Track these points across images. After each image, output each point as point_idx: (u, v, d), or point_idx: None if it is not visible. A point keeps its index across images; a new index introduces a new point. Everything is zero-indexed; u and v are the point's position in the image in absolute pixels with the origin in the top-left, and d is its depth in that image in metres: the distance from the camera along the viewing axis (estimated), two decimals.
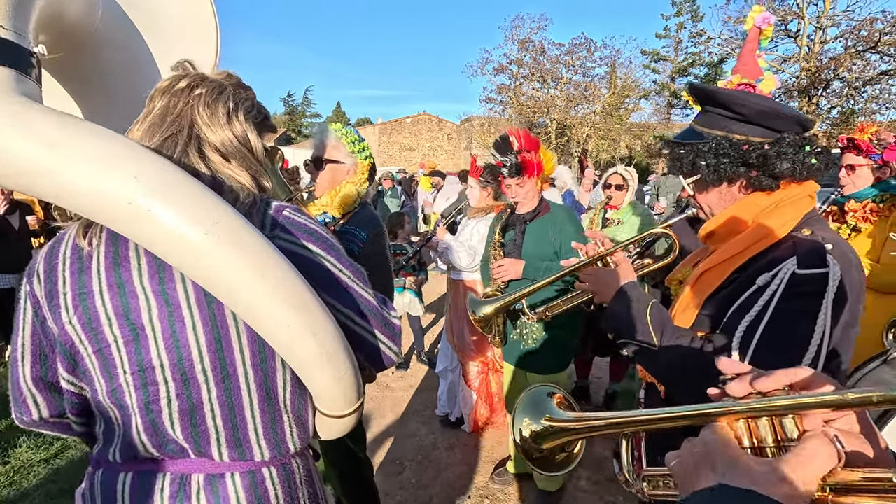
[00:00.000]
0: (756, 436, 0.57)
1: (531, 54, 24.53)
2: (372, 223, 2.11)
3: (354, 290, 1.06)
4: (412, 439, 3.69)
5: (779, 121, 1.16)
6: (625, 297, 1.31)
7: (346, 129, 2.21)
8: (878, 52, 17.64)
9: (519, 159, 2.58)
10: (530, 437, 0.88)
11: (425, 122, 35.22)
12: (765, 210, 1.17)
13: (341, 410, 1.06)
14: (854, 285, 1.06)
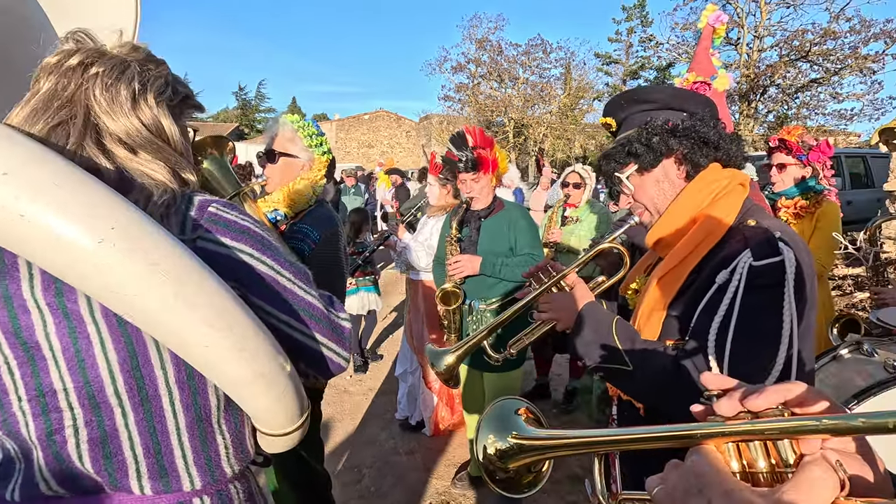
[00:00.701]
0: (747, 458, 0.51)
1: (489, 54, 24.73)
2: (327, 223, 2.00)
3: (295, 293, 0.96)
4: (371, 445, 3.59)
5: (691, 102, 1.22)
6: (587, 320, 1.25)
7: (303, 121, 2.09)
8: (809, 61, 18.79)
9: (475, 155, 2.59)
10: (496, 455, 0.81)
11: (383, 119, 34.90)
12: (704, 206, 1.17)
13: (284, 428, 0.96)
14: (808, 266, 1.06)
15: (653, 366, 1.12)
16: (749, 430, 0.50)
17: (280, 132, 2.04)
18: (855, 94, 18.74)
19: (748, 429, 0.50)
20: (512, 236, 2.66)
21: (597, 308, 1.28)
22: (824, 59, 18.42)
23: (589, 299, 1.31)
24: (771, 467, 0.50)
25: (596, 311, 1.27)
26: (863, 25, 17.41)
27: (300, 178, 2.00)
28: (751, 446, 0.51)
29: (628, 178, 1.27)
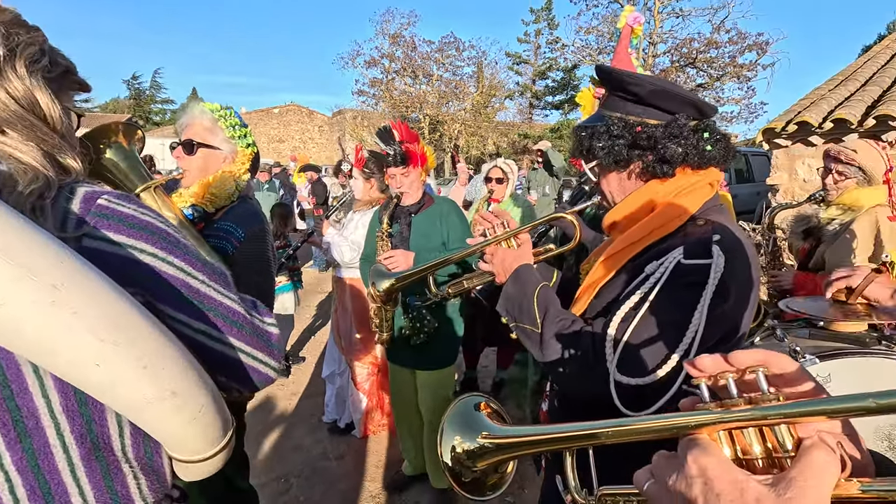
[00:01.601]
0: (741, 445, 0.49)
1: (402, 49, 24.57)
2: (252, 220, 1.85)
3: (210, 296, 0.84)
4: (298, 452, 3.41)
5: (672, 102, 1.15)
6: (517, 279, 1.29)
7: (225, 110, 1.91)
8: (696, 67, 20.71)
9: (403, 149, 2.53)
10: (465, 456, 0.77)
11: (294, 114, 33.50)
12: (664, 199, 1.17)
13: (202, 453, 0.84)
14: (739, 276, 1.06)
15: (558, 334, 1.15)
16: (751, 416, 0.47)
17: (198, 121, 1.85)
18: (734, 98, 20.94)
19: (748, 415, 0.47)
20: (444, 231, 2.63)
21: (529, 270, 1.31)
22: (708, 66, 20.38)
23: (528, 261, 1.34)
24: (767, 452, 0.48)
25: (527, 272, 1.30)
26: (739, 37, 19.46)
27: (222, 172, 1.83)
28: (744, 432, 0.49)
29: (591, 169, 1.27)
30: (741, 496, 0.43)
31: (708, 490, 0.45)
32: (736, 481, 0.44)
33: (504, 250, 1.38)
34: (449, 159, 22.75)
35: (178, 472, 0.89)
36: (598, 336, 1.09)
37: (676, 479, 0.48)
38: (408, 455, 3.02)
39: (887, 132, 5.33)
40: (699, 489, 0.46)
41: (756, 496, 0.43)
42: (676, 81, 20.56)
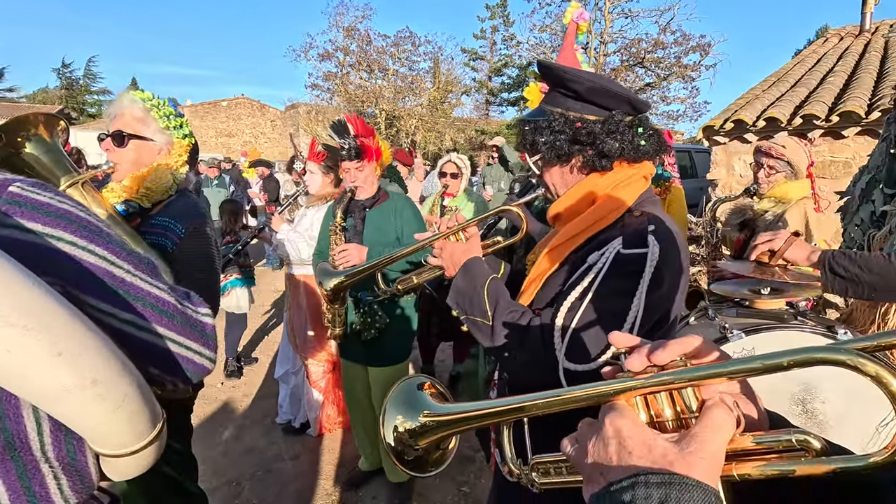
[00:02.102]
0: (655, 409, 0.54)
1: (357, 43, 24.17)
2: (192, 214, 1.77)
3: (136, 286, 0.82)
4: (251, 454, 3.33)
5: (610, 99, 1.20)
6: (466, 272, 1.31)
7: (158, 98, 1.82)
8: (644, 67, 21.41)
9: (358, 143, 2.51)
10: (407, 435, 0.78)
11: (245, 107, 32.30)
12: (603, 192, 1.23)
13: (129, 446, 0.81)
14: (672, 263, 1.13)
15: (508, 325, 1.19)
16: (660, 381, 0.53)
17: (127, 111, 1.75)
18: (679, 97, 21.80)
19: (659, 381, 0.53)
20: (398, 226, 2.63)
21: (478, 263, 1.33)
22: (655, 65, 21.11)
23: (476, 254, 1.36)
24: (676, 415, 0.53)
25: (477, 265, 1.32)
26: (683, 39, 20.26)
27: (157, 165, 1.74)
28: (657, 397, 0.54)
29: (535, 162, 1.31)
30: (649, 452, 0.48)
31: (621, 448, 0.50)
32: (646, 440, 0.50)
33: (453, 244, 1.40)
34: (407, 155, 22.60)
35: (107, 471, 0.85)
36: (546, 326, 1.13)
37: (595, 441, 0.53)
38: (364, 451, 3.01)
39: (812, 130, 5.71)
40: (614, 448, 0.51)
41: (662, 452, 0.48)
42: (626, 80, 21.30)
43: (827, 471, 0.48)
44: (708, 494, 0.44)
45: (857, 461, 0.47)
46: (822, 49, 9.29)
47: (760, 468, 0.50)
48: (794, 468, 0.49)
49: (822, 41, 9.94)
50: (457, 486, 3.02)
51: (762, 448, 0.51)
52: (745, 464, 0.51)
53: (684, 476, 0.45)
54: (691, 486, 0.44)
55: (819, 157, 5.48)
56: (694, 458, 0.47)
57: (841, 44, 9.36)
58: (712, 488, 0.45)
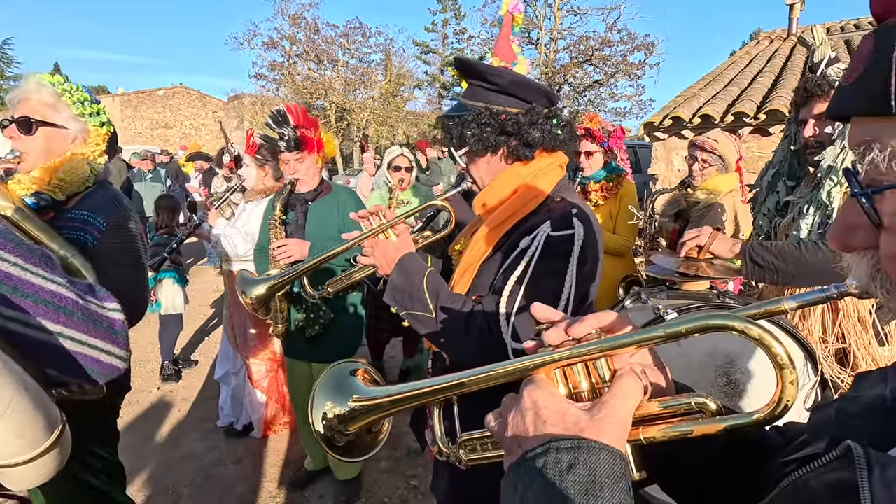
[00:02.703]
0: (573, 382, 0.58)
1: (304, 32, 23.46)
2: (113, 207, 1.67)
3: (26, 280, 0.77)
4: (189, 460, 3.18)
5: (529, 92, 1.28)
6: (402, 268, 1.33)
7: (69, 83, 1.69)
8: (592, 64, 21.95)
9: (297, 134, 2.42)
10: (336, 420, 0.78)
11: (183, 97, 30.72)
12: (525, 180, 1.30)
13: (21, 455, 0.75)
14: (594, 242, 1.24)
15: (453, 316, 1.23)
16: (574, 353, 0.56)
17: (34, 96, 1.62)
18: (626, 95, 22.51)
19: (573, 352, 0.57)
20: (342, 219, 2.56)
21: (414, 258, 1.35)
22: (603, 63, 21.67)
23: (409, 249, 1.38)
24: (592, 386, 0.57)
25: (412, 261, 1.34)
26: (629, 37, 20.89)
27: (71, 154, 1.63)
28: (575, 370, 0.58)
29: (461, 156, 1.36)
30: (563, 420, 0.51)
31: (537, 418, 0.53)
32: (560, 409, 0.53)
33: (384, 242, 1.39)
34: (358, 149, 22.29)
35: (3, 481, 0.77)
36: (490, 312, 1.19)
37: (514, 414, 0.55)
38: (310, 450, 2.94)
39: (742, 127, 6.03)
40: (531, 419, 0.53)
41: (575, 419, 0.51)
42: (575, 77, 21.77)
43: (720, 429, 0.52)
44: (614, 456, 0.47)
45: (745, 418, 0.52)
46: (755, 51, 9.84)
47: (664, 430, 0.54)
48: (692, 428, 0.53)
49: (755, 43, 10.53)
50: (406, 480, 3.00)
51: (667, 412, 0.55)
52: (651, 428, 0.55)
53: (592, 440, 0.48)
54: (598, 449, 0.47)
55: (748, 153, 5.79)
56: (603, 423, 0.50)
57: (771, 46, 9.93)
58: (618, 450, 0.48)
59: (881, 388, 0.48)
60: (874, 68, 0.37)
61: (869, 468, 0.37)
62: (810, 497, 0.42)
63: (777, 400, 0.50)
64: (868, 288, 0.45)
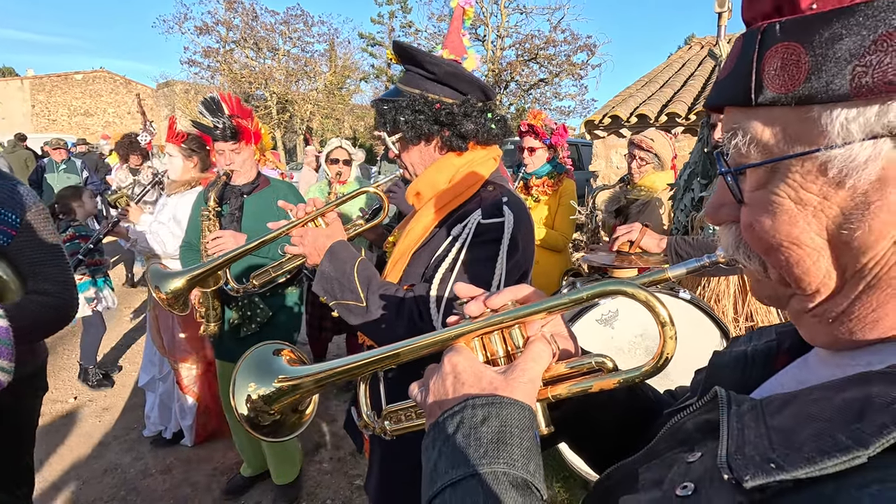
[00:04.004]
0: (490, 350, 0.63)
1: (241, 17, 22.41)
2: (22, 200, 1.53)
3: None
4: (112, 473, 2.95)
5: (464, 84, 1.29)
6: (333, 257, 1.30)
7: None
8: (537, 62, 22.37)
9: (233, 123, 2.28)
10: (261, 401, 0.77)
11: (106, 82, 28.42)
12: (459, 170, 1.30)
13: None
14: (524, 229, 1.25)
15: (383, 304, 1.23)
16: (490, 322, 0.62)
17: None
18: (570, 94, 23.17)
19: (489, 321, 0.62)
20: (281, 214, 2.43)
21: (344, 247, 1.33)
22: (548, 62, 22.15)
23: (341, 237, 1.35)
24: (507, 353, 0.63)
25: (343, 249, 1.32)
26: (573, 38, 21.44)
27: None
28: (492, 339, 0.63)
29: (394, 143, 1.34)
30: (479, 381, 0.57)
31: (456, 381, 0.58)
32: (476, 371, 0.58)
33: (314, 230, 1.35)
34: (301, 142, 21.65)
35: None
36: (420, 298, 1.20)
37: (435, 379, 0.60)
38: (245, 455, 2.80)
39: (675, 127, 6.33)
40: (450, 382, 0.58)
41: (490, 380, 0.57)
42: (521, 74, 22.12)
43: (615, 382, 0.58)
44: (524, 409, 0.54)
45: (634, 371, 0.57)
46: (687, 55, 10.35)
47: (568, 387, 0.60)
48: (592, 384, 0.59)
49: (688, 48, 11.08)
50: (349, 480, 2.92)
51: (573, 372, 0.61)
52: (558, 386, 0.61)
53: (505, 396, 0.54)
54: (509, 404, 0.53)
55: (680, 151, 6.07)
56: (515, 382, 0.56)
57: (702, 51, 10.48)
58: (528, 405, 0.54)
59: (745, 346, 0.59)
60: (740, 65, 0.43)
61: (729, 406, 0.44)
62: (684, 436, 0.49)
63: (660, 353, 0.55)
64: (734, 255, 0.49)
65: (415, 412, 0.75)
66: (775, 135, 0.42)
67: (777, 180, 0.42)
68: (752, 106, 0.42)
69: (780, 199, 0.42)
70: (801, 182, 0.41)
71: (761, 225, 0.44)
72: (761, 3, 0.42)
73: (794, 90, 0.39)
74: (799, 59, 0.39)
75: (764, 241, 0.44)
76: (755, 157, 0.43)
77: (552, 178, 3.07)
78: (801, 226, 0.41)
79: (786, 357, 0.55)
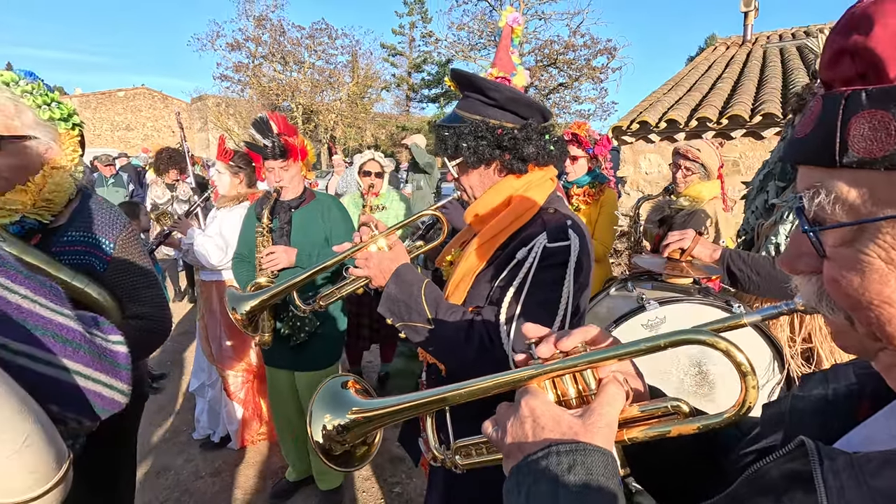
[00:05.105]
0: (561, 389, 0.63)
1: (270, 33, 23.07)
2: (114, 223, 1.49)
3: (35, 313, 0.75)
4: (165, 475, 3.09)
5: (525, 108, 1.30)
6: (399, 280, 1.33)
7: (26, 80, 1.41)
8: (557, 67, 22.32)
9: (282, 141, 2.41)
10: (335, 431, 0.81)
11: (145, 98, 29.73)
12: (518, 192, 1.32)
13: (31, 491, 0.72)
14: (588, 252, 1.27)
15: (451, 327, 1.24)
16: (563, 366, 0.62)
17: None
18: (590, 98, 23.00)
19: (563, 365, 0.63)
20: (326, 226, 2.56)
21: (410, 269, 1.36)
22: (567, 66, 22.07)
23: (405, 260, 1.38)
24: (579, 393, 0.63)
25: (408, 272, 1.35)
26: (592, 42, 21.35)
27: (51, 169, 1.40)
28: (563, 379, 0.64)
29: (454, 166, 1.36)
30: (558, 426, 0.57)
31: (535, 425, 0.58)
32: (555, 416, 0.59)
33: (379, 254, 1.39)
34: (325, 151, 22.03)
35: None
36: (489, 323, 1.21)
37: (513, 421, 0.61)
38: (290, 460, 2.90)
39: (705, 132, 6.27)
40: (529, 426, 0.59)
41: (569, 425, 0.57)
42: (541, 79, 22.10)
43: (694, 428, 0.59)
44: (606, 457, 0.54)
45: (715, 418, 0.58)
46: (712, 57, 10.22)
47: (644, 431, 0.61)
48: (670, 428, 0.60)
49: (711, 49, 10.94)
50: (389, 487, 2.99)
51: (646, 415, 0.62)
52: (633, 429, 0.61)
53: (587, 443, 0.54)
54: (592, 451, 0.54)
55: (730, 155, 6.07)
56: (594, 427, 0.56)
57: (727, 52, 10.35)
58: (609, 451, 0.55)
59: (824, 389, 0.58)
60: (821, 128, 0.44)
61: (821, 460, 0.43)
62: (768, 484, 0.48)
63: (741, 402, 0.56)
64: (816, 306, 0.49)
65: (486, 447, 0.75)
66: (862, 196, 0.42)
67: (866, 240, 0.42)
68: (835, 167, 0.42)
69: (869, 258, 0.42)
70: (893, 243, 0.41)
71: (849, 282, 0.43)
72: (842, 68, 0.42)
73: (882, 155, 0.39)
74: (888, 126, 0.39)
75: (852, 299, 0.44)
76: (840, 216, 0.43)
77: (593, 188, 3.10)
78: (893, 285, 0.41)
79: (868, 403, 0.53)
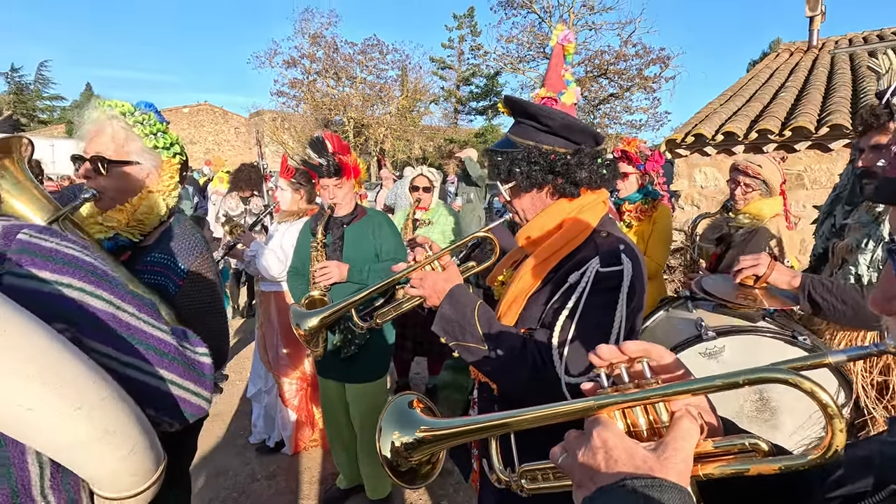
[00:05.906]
0: (631, 419, 0.62)
1: (324, 50, 24.02)
2: (192, 249, 1.55)
3: (140, 329, 0.83)
4: (225, 476, 3.24)
5: (578, 134, 1.32)
6: (453, 300, 1.35)
7: (140, 111, 1.52)
8: (607, 77, 22.03)
9: (336, 160, 2.51)
10: (403, 448, 0.83)
11: (207, 114, 31.63)
12: (570, 215, 1.34)
13: (133, 489, 0.81)
14: (641, 276, 1.27)
15: (504, 348, 1.25)
16: (638, 397, 0.61)
17: (108, 130, 1.47)
18: (641, 107, 22.53)
19: (637, 397, 0.61)
20: (377, 242, 2.64)
21: (463, 290, 1.38)
22: (618, 77, 21.74)
23: (458, 281, 1.41)
24: (650, 424, 0.62)
25: (462, 293, 1.37)
26: (644, 51, 20.95)
27: (147, 192, 1.51)
28: (633, 410, 0.62)
29: (506, 189, 1.39)
30: (632, 459, 0.56)
31: (608, 457, 0.57)
32: (628, 448, 0.57)
33: (433, 274, 1.42)
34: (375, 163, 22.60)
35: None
36: (543, 346, 1.22)
37: (584, 451, 0.60)
38: (342, 468, 2.98)
39: (766, 144, 6.00)
40: (601, 457, 0.57)
41: (643, 458, 0.56)
42: (591, 90, 21.86)
43: (775, 469, 0.56)
44: (683, 493, 0.52)
45: (799, 459, 0.56)
46: (774, 64, 9.79)
47: (721, 468, 0.59)
48: (749, 467, 0.57)
49: (774, 56, 10.48)
50: (437, 499, 3.02)
51: (721, 451, 0.60)
52: (708, 465, 0.60)
53: (663, 479, 0.53)
54: (669, 487, 0.52)
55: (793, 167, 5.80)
56: (669, 463, 0.55)
57: (791, 59, 9.88)
58: (686, 488, 0.53)
59: None
60: None
61: None
62: None
63: (828, 446, 0.54)
64: None
65: (552, 473, 0.75)
66: None
67: None
68: None
69: None
70: None
71: None
72: None
73: None
74: None
75: None
76: None
77: (646, 204, 3.05)
78: None
79: None
